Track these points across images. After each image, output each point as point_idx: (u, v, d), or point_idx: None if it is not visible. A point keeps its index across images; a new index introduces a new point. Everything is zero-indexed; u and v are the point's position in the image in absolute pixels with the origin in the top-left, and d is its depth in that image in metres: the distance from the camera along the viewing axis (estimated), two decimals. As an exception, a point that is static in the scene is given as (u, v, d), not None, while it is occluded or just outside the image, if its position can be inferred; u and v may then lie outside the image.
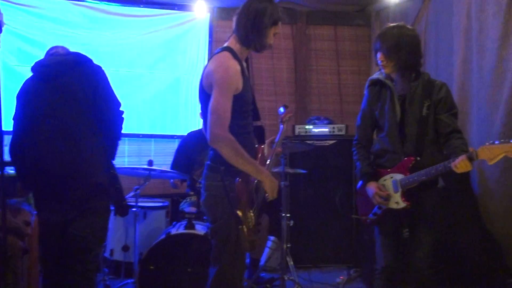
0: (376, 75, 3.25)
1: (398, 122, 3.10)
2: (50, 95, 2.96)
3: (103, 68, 3.11)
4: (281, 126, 3.67)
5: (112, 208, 3.14)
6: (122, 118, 3.11)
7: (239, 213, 2.65)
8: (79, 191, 2.91)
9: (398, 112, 3.10)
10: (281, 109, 3.73)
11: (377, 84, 3.24)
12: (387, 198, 3.10)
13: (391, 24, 3.16)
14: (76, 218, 2.91)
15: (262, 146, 3.01)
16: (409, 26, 3.20)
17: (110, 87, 3.07)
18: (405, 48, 3.02)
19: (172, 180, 4.91)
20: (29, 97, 3.03)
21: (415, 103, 3.07)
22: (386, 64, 3.08)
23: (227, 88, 2.62)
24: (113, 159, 3.10)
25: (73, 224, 2.91)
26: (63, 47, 3.16)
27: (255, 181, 2.79)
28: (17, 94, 3.08)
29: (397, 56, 3.02)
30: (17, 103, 3.07)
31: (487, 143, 2.72)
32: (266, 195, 2.84)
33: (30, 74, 3.09)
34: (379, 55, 3.09)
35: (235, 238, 2.69)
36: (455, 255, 4.25)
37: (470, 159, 2.74)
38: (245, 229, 2.65)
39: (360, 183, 3.33)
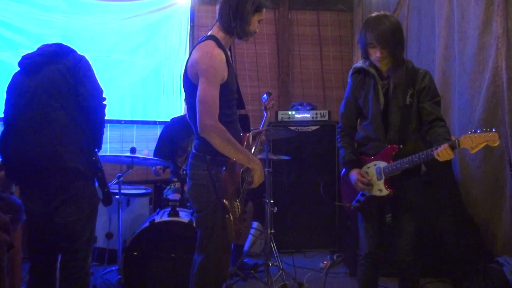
0: (359, 64, 3.25)
1: (382, 111, 3.11)
2: (32, 86, 2.96)
3: (86, 58, 3.09)
4: (265, 113, 3.67)
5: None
6: (104, 105, 3.09)
7: (226, 202, 2.65)
8: (61, 179, 2.90)
9: (382, 100, 3.11)
10: (264, 96, 3.73)
11: (360, 72, 3.24)
12: (369, 184, 3.13)
13: (377, 15, 3.07)
14: (59, 206, 2.90)
15: (248, 135, 3.00)
16: (390, 14, 3.17)
17: (94, 76, 3.06)
18: (398, 41, 3.02)
19: (154, 168, 4.89)
20: (14, 89, 3.06)
21: (398, 92, 3.08)
22: (384, 60, 3.05)
23: (214, 78, 2.61)
24: (99, 147, 3.08)
25: (57, 212, 2.91)
26: (55, 43, 3.13)
27: (241, 170, 2.79)
28: (6, 88, 3.11)
29: (391, 49, 3.01)
30: (6, 97, 3.10)
31: (469, 132, 2.75)
32: (250, 179, 2.85)
33: (10, 59, 3.09)
34: (378, 53, 3.03)
35: (221, 227, 2.69)
36: (436, 241, 4.32)
37: (452, 147, 2.77)
38: (232, 218, 2.65)
39: (343, 170, 3.35)
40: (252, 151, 3.01)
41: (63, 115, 2.91)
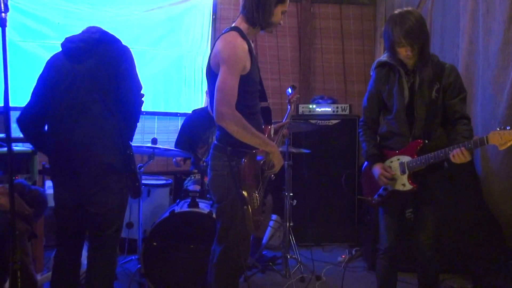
0: (383, 57, 3.23)
1: (407, 105, 3.10)
2: (72, 75, 2.96)
3: (130, 50, 3.10)
4: (289, 106, 3.68)
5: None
6: (142, 101, 3.10)
7: (244, 193, 2.66)
8: (96, 172, 2.92)
9: (407, 95, 3.10)
10: (289, 90, 3.75)
11: (385, 66, 3.22)
12: (392, 179, 3.12)
13: (400, 12, 3.03)
14: (92, 196, 2.94)
15: (270, 127, 3.01)
16: (413, 9, 3.14)
17: (135, 69, 3.06)
18: (425, 36, 3.00)
19: (175, 159, 4.93)
20: (52, 71, 3.04)
21: (424, 86, 3.06)
22: (412, 56, 3.03)
23: (234, 66, 2.61)
24: (131, 140, 3.11)
25: (90, 202, 2.95)
26: (98, 28, 3.10)
27: (261, 162, 2.80)
28: (45, 65, 3.10)
29: (420, 46, 2.99)
30: (41, 76, 3.08)
31: (498, 128, 2.73)
32: (272, 173, 2.87)
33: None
34: (409, 52, 2.99)
35: (240, 218, 2.71)
36: (457, 236, 4.29)
37: (481, 143, 2.77)
38: (250, 210, 2.66)
39: (365, 164, 3.34)
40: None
41: (101, 108, 2.92)
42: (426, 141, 3.05)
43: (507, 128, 2.69)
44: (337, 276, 4.48)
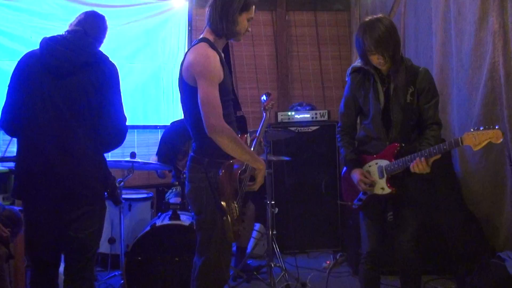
0: (358, 63, 3.24)
1: (382, 109, 3.12)
2: (55, 93, 2.81)
3: (116, 68, 3.02)
4: (264, 114, 3.68)
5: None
6: (125, 121, 3.04)
7: (223, 204, 2.65)
8: (77, 198, 2.83)
9: (382, 99, 3.12)
10: (264, 97, 3.74)
11: (359, 71, 3.24)
12: (372, 184, 3.13)
13: (370, 20, 3.04)
14: (73, 221, 2.84)
15: (246, 136, 3.01)
16: (383, 16, 3.16)
17: (120, 90, 3.00)
18: (395, 43, 3.02)
19: (159, 171, 4.90)
20: (28, 77, 2.87)
21: (398, 91, 3.08)
22: (384, 64, 3.05)
23: (212, 78, 2.61)
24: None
25: (70, 227, 2.84)
26: (85, 41, 2.94)
27: (239, 172, 2.80)
28: (18, 67, 2.94)
29: (391, 53, 3.01)
30: (14, 77, 2.93)
31: (472, 129, 2.76)
32: (250, 183, 2.87)
33: (10, 68, 3.00)
34: (380, 59, 3.00)
35: (220, 229, 2.70)
36: (438, 237, 4.32)
37: (455, 144, 2.80)
38: (229, 220, 2.66)
39: (344, 169, 3.35)
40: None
41: (83, 134, 2.83)
42: (403, 145, 3.07)
43: (481, 128, 2.72)
44: (323, 282, 4.47)
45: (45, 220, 2.84)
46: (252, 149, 3.14)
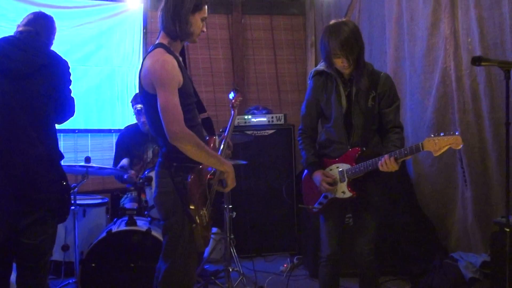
0: (321, 66, 3.27)
1: (345, 113, 3.15)
2: (8, 94, 2.76)
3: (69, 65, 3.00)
4: (232, 111, 3.63)
5: None
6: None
7: (192, 211, 2.63)
8: (31, 203, 2.77)
9: (344, 103, 3.15)
10: (232, 94, 3.67)
11: (322, 74, 3.26)
12: (334, 183, 3.15)
13: (335, 23, 3.07)
14: (27, 228, 2.77)
15: (214, 138, 2.99)
16: (348, 20, 3.22)
17: (69, 92, 3.02)
18: (360, 47, 3.06)
19: (127, 175, 4.66)
20: None
21: (360, 95, 3.12)
22: (348, 67, 3.08)
23: (170, 84, 2.59)
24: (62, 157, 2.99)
25: (24, 233, 2.77)
26: (38, 42, 2.91)
27: (208, 177, 2.78)
28: None
29: (355, 56, 3.04)
30: None
31: (432, 135, 2.81)
32: (224, 191, 2.88)
33: None
34: (345, 62, 3.02)
35: (188, 234, 2.68)
36: (393, 239, 4.39)
37: (416, 150, 2.85)
38: (199, 228, 2.64)
39: (305, 172, 3.36)
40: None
41: (37, 137, 2.77)
42: (364, 149, 3.11)
43: (441, 134, 2.78)
44: (280, 285, 4.49)
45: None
46: (220, 151, 3.12)
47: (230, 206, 4.55)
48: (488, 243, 3.63)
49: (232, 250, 4.60)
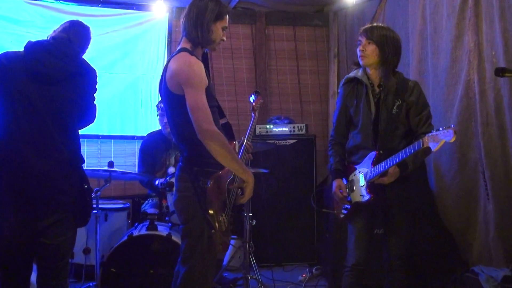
0: (352, 73, 3.32)
1: (373, 119, 3.17)
2: (38, 98, 2.80)
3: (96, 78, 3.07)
4: (253, 114, 3.63)
5: None
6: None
7: (211, 216, 2.66)
8: (54, 205, 2.81)
9: (373, 109, 3.18)
10: (252, 97, 3.66)
11: (352, 81, 3.31)
12: (344, 198, 3.19)
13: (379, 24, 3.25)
14: (47, 228, 2.81)
15: (234, 143, 3.02)
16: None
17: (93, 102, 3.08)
18: (391, 45, 3.10)
19: (159, 183, 4.65)
20: (8, 83, 2.81)
21: (388, 101, 3.15)
22: (367, 54, 3.12)
23: (199, 83, 2.65)
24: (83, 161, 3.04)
25: (44, 234, 2.81)
26: (73, 50, 2.96)
27: (228, 181, 2.81)
28: None
29: (383, 50, 3.09)
30: None
31: (431, 132, 2.87)
32: (239, 202, 2.87)
33: None
34: (362, 42, 3.13)
35: (207, 239, 2.70)
36: (413, 251, 4.35)
37: (418, 147, 2.88)
38: (218, 234, 2.66)
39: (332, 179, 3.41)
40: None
41: (62, 141, 2.84)
42: (381, 152, 3.12)
43: (440, 129, 2.80)
44: (298, 295, 4.48)
45: (16, 227, 2.79)
46: (240, 155, 3.15)
47: (250, 214, 4.56)
48: (509, 257, 3.59)
49: (251, 258, 4.61)
